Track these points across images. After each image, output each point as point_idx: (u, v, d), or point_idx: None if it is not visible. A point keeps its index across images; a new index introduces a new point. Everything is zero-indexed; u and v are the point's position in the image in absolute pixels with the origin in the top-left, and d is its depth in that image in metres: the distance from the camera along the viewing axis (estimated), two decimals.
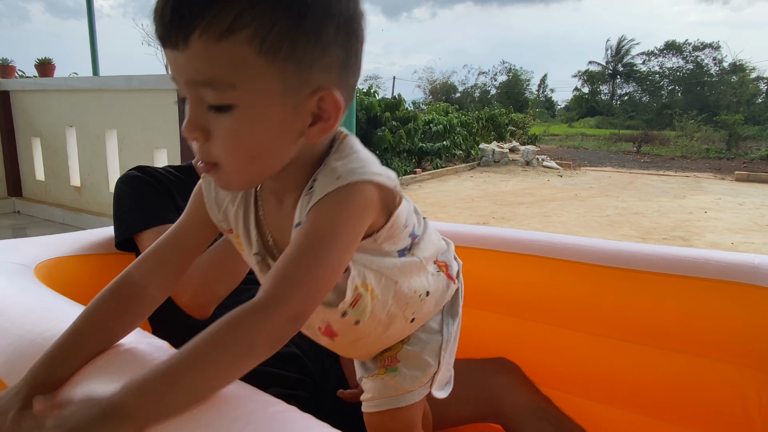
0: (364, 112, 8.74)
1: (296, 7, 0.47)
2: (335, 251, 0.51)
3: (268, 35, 0.46)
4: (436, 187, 9.26)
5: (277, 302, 0.48)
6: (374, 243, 0.60)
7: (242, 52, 0.47)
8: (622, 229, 5.88)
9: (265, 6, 0.46)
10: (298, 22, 0.47)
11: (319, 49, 0.49)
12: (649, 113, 28.59)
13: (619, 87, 35.63)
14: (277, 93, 0.49)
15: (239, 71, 0.47)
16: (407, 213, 0.64)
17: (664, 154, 16.67)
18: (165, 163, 2.47)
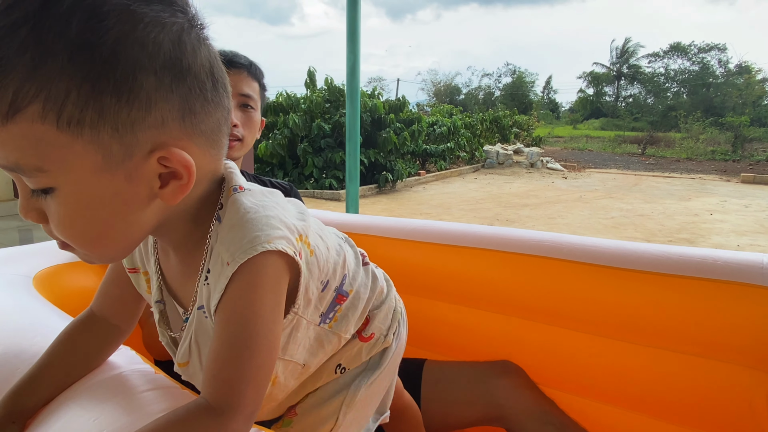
0: (368, 113, 8.75)
1: (91, 64, 0.38)
2: (263, 334, 0.47)
3: (63, 106, 0.38)
4: (440, 189, 9.25)
5: (231, 409, 0.44)
6: (291, 322, 0.56)
7: (35, 131, 0.39)
8: (627, 231, 5.85)
9: (49, 71, 0.37)
10: (99, 81, 0.38)
11: (137, 105, 0.41)
12: (654, 115, 28.48)
13: (623, 89, 35.55)
14: (98, 167, 0.41)
15: (41, 153, 0.40)
16: (330, 265, 0.60)
17: (669, 155, 16.61)
18: None
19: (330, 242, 0.62)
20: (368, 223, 1.31)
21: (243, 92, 1.05)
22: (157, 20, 0.41)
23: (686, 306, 0.91)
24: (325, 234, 0.63)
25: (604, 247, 1.01)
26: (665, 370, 0.95)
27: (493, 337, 1.14)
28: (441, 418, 1.01)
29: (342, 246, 0.65)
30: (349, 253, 0.66)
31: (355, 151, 3.48)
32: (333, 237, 0.65)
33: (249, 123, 1.07)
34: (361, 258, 0.70)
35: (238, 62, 1.05)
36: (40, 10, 0.37)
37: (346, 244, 0.68)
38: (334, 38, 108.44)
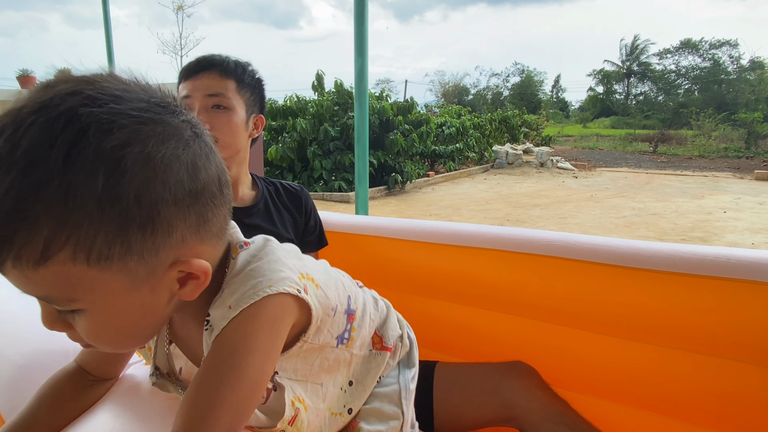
0: (376, 116, 8.76)
1: (117, 206, 0.40)
2: (251, 367, 0.47)
3: (92, 247, 0.40)
4: (450, 190, 9.24)
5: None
6: (301, 348, 0.58)
7: (67, 271, 0.41)
8: (639, 231, 5.80)
9: (79, 217, 0.39)
10: (125, 220, 0.41)
11: (160, 233, 0.43)
12: (666, 112, 28.20)
13: (634, 86, 35.23)
14: (125, 288, 0.44)
15: (72, 287, 0.42)
16: (333, 292, 0.61)
17: (681, 153, 16.44)
18: None
19: (329, 272, 0.66)
20: (378, 224, 1.31)
21: (209, 92, 1.03)
22: (174, 155, 0.43)
23: (700, 305, 0.91)
24: (321, 266, 0.66)
25: (615, 247, 1.01)
26: (679, 369, 0.94)
27: (505, 339, 1.14)
28: (454, 419, 1.01)
29: (338, 274, 0.69)
30: (346, 278, 0.71)
31: (364, 154, 3.49)
32: (328, 267, 0.69)
33: (221, 124, 1.03)
34: (355, 282, 0.75)
35: (208, 64, 1.04)
36: (63, 166, 0.38)
37: (338, 273, 0.71)
38: (342, 41, 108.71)
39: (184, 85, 1.05)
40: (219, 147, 1.05)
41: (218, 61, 1.05)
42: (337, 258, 1.33)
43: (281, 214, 1.19)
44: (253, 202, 1.15)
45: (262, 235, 0.59)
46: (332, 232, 1.33)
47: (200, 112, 1.02)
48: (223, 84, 1.04)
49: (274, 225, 1.15)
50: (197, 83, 1.03)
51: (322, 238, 1.28)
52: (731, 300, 0.88)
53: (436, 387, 1.03)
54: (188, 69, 1.06)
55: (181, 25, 9.14)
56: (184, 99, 1.04)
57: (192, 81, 1.04)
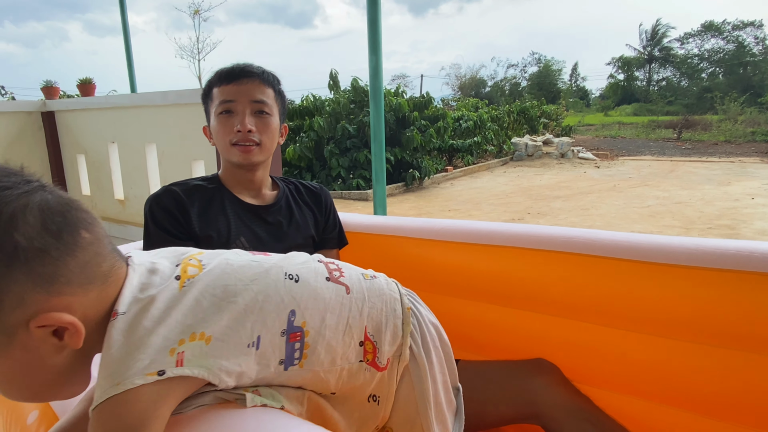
0: (392, 113, 8.75)
1: None
2: None
3: None
4: (469, 184, 9.19)
5: None
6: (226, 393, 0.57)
7: None
8: (664, 220, 5.69)
9: None
10: None
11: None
12: (689, 98, 27.56)
13: (655, 72, 34.50)
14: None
15: None
16: (248, 328, 0.56)
17: (706, 139, 16.04)
18: (203, 173, 2.55)
19: (253, 293, 0.58)
20: (398, 224, 1.32)
21: (255, 99, 1.08)
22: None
23: (722, 299, 0.89)
24: (248, 283, 0.59)
25: (636, 242, 1.00)
26: (703, 364, 0.93)
27: (527, 336, 1.14)
28: (476, 417, 1.01)
29: (279, 283, 0.61)
30: (301, 281, 0.63)
31: (381, 152, 3.49)
32: (265, 278, 0.60)
33: (265, 128, 1.10)
34: (325, 274, 0.67)
35: (249, 72, 1.09)
36: None
37: (285, 274, 0.62)
38: (356, 37, 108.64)
39: (225, 89, 1.08)
40: (260, 150, 1.10)
41: (258, 70, 1.10)
42: (358, 258, 1.35)
43: (302, 211, 1.22)
44: (275, 201, 1.18)
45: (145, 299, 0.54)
46: (353, 232, 1.35)
47: (247, 117, 1.07)
48: (265, 92, 1.10)
49: (295, 222, 1.19)
50: (242, 88, 1.07)
51: (342, 237, 1.30)
52: (755, 294, 0.87)
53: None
54: (228, 74, 1.09)
55: (198, 29, 9.26)
56: (227, 103, 1.07)
57: (235, 86, 1.07)
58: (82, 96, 4.96)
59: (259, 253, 0.66)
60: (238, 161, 1.10)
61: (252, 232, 1.11)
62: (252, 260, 0.62)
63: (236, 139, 1.08)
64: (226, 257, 0.61)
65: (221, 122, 1.08)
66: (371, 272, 0.75)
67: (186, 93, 3.53)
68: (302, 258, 0.68)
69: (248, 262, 0.61)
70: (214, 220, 1.09)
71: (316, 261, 0.69)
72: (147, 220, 1.08)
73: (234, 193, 1.14)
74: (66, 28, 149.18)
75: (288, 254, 0.69)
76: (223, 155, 1.12)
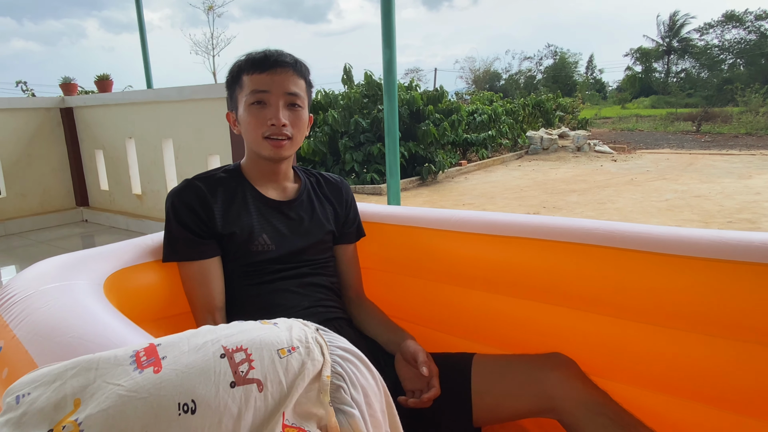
0: (406, 106, 8.72)
1: None
2: None
3: None
4: (483, 178, 9.13)
5: None
6: None
7: None
8: (683, 214, 5.60)
9: None
10: None
11: None
12: (709, 89, 27.01)
13: (674, 63, 33.86)
14: None
15: None
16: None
17: (726, 132, 15.71)
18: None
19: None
20: (414, 214, 1.32)
21: (290, 91, 1.04)
22: None
23: (744, 292, 0.88)
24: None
25: (656, 234, 0.98)
26: (722, 358, 0.91)
27: (543, 328, 1.13)
28: (492, 410, 1.01)
29: (173, 424, 0.47)
30: (199, 411, 0.48)
31: (395, 146, 3.49)
32: (156, 426, 0.47)
33: (297, 121, 1.07)
34: (229, 378, 0.51)
35: (283, 61, 1.05)
36: None
37: (179, 406, 0.48)
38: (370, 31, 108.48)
39: (258, 78, 1.04)
40: (291, 144, 1.08)
41: (291, 60, 1.07)
42: (374, 249, 1.35)
43: (323, 205, 1.21)
44: (296, 195, 1.17)
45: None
46: (369, 222, 1.34)
47: (281, 110, 1.04)
48: (298, 83, 1.07)
49: (317, 217, 1.18)
50: (276, 78, 1.03)
51: (360, 229, 1.30)
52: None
53: (474, 379, 1.03)
54: (261, 62, 1.04)
55: (212, 25, 9.29)
56: (260, 93, 1.03)
57: (270, 76, 1.03)
58: (99, 92, 5.02)
59: (149, 364, 0.51)
60: (269, 155, 1.07)
61: (274, 228, 1.11)
62: (143, 396, 0.47)
63: (269, 132, 1.04)
64: (109, 405, 0.47)
65: (253, 113, 1.04)
66: (297, 334, 0.59)
67: (201, 88, 3.56)
68: (199, 363, 0.51)
69: (139, 403, 0.47)
70: (236, 217, 1.08)
71: (219, 355, 0.52)
72: (169, 217, 1.07)
73: (256, 188, 1.13)
74: (83, 25, 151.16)
75: (179, 353, 0.52)
76: (252, 147, 1.10)
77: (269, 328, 0.58)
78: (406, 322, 1.29)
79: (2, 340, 0.75)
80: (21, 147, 4.48)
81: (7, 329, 0.75)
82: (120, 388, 0.48)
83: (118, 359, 0.51)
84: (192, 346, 0.53)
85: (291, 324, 0.61)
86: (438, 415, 1.01)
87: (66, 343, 0.67)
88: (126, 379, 0.49)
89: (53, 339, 0.69)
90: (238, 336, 0.55)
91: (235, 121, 1.11)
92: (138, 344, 0.54)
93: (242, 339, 0.54)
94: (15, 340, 0.72)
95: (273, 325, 0.59)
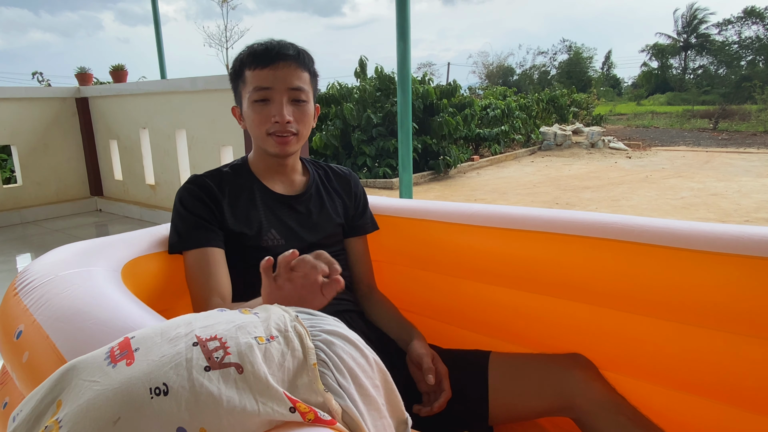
0: (419, 100, 8.68)
1: None
2: None
3: None
4: (495, 174, 9.08)
5: None
6: None
7: None
8: (699, 212, 5.53)
9: None
10: None
11: None
12: (727, 86, 26.52)
13: (691, 60, 33.30)
14: None
15: None
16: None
17: (744, 129, 15.46)
18: (231, 159, 2.57)
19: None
20: (429, 208, 1.31)
21: (293, 86, 1.02)
22: None
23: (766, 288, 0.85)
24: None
25: (676, 229, 0.96)
26: (745, 356, 0.90)
27: (560, 323, 1.12)
28: (509, 408, 1.00)
29: (146, 407, 0.47)
30: (171, 392, 0.47)
31: (408, 139, 3.48)
32: (130, 412, 0.46)
33: (302, 117, 1.05)
34: (203, 363, 0.50)
35: (285, 54, 1.01)
36: None
37: (151, 390, 0.47)
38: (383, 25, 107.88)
39: (260, 74, 1.01)
40: (297, 139, 1.07)
41: (293, 52, 1.03)
42: (388, 242, 1.34)
43: (332, 198, 1.20)
44: (305, 189, 1.16)
45: None
46: (382, 216, 1.33)
47: (285, 106, 1.01)
48: (302, 77, 1.03)
49: (325, 210, 1.17)
50: (278, 74, 1.01)
51: (373, 222, 1.29)
52: None
53: (491, 376, 1.02)
54: (262, 56, 1.01)
55: (226, 18, 9.30)
56: (263, 90, 1.01)
57: (271, 71, 1.01)
58: (114, 82, 5.06)
59: (122, 357, 0.51)
60: (275, 152, 1.06)
61: (283, 223, 1.10)
62: (115, 387, 0.48)
63: (273, 129, 1.03)
64: (84, 400, 0.48)
65: (256, 111, 1.02)
66: (275, 323, 0.58)
67: (214, 79, 3.56)
68: (171, 352, 0.51)
69: (111, 393, 0.47)
70: (245, 214, 1.07)
71: (191, 344, 0.52)
72: (177, 207, 1.06)
73: (264, 182, 1.12)
74: (99, 17, 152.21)
75: (152, 344, 0.52)
76: (258, 144, 1.09)
77: (248, 317, 0.58)
78: (419, 316, 1.28)
79: (22, 324, 0.75)
80: (37, 136, 4.53)
81: (28, 313, 0.76)
82: (95, 383, 0.49)
83: (94, 358, 0.52)
84: (165, 338, 0.53)
85: (270, 312, 0.60)
86: (453, 412, 1.01)
87: (86, 328, 0.68)
88: (100, 374, 0.50)
89: (74, 324, 0.69)
90: (214, 327, 0.55)
91: (240, 116, 1.10)
92: (114, 341, 0.55)
93: (217, 329, 0.54)
94: (35, 325, 0.72)
95: (254, 314, 0.59)
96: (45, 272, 0.85)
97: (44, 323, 0.71)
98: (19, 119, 4.43)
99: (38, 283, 0.82)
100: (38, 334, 0.71)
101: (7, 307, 0.83)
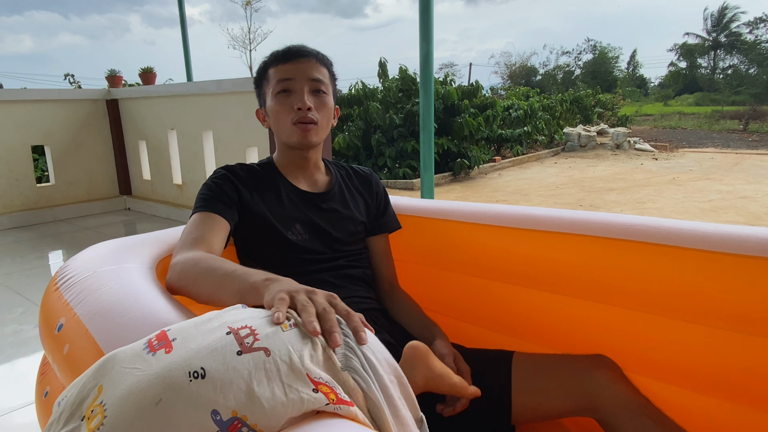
0: (441, 101, 8.67)
1: None
2: None
3: None
4: (517, 175, 9.01)
5: None
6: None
7: None
8: (728, 215, 5.40)
9: None
10: None
11: None
12: (758, 87, 25.75)
13: (721, 59, 32.45)
14: None
15: None
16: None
17: None
18: (256, 159, 2.62)
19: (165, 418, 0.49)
20: (452, 208, 1.32)
21: (313, 77, 1.08)
22: None
23: None
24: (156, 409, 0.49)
25: (704, 231, 0.95)
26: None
27: (584, 325, 1.11)
28: (532, 408, 1.00)
29: (185, 390, 0.50)
30: (209, 375, 0.51)
31: (430, 140, 3.49)
32: (169, 394, 0.49)
33: (322, 107, 1.10)
34: (235, 348, 0.54)
35: (305, 51, 1.10)
36: None
37: (189, 374, 0.51)
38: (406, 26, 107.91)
39: (283, 68, 1.08)
40: (318, 129, 1.11)
41: (313, 50, 1.11)
42: (411, 241, 1.36)
43: (354, 197, 1.23)
44: (329, 188, 1.19)
45: None
46: (406, 216, 1.35)
47: (306, 95, 1.07)
48: (322, 71, 1.11)
49: (348, 209, 1.19)
50: (299, 66, 1.08)
51: (396, 220, 1.30)
52: None
53: (514, 377, 1.02)
54: (284, 55, 1.09)
55: (249, 20, 9.44)
56: (285, 82, 1.07)
57: (294, 64, 1.08)
58: (143, 84, 5.18)
59: (161, 347, 0.54)
60: (298, 140, 1.09)
61: (308, 219, 1.12)
62: (156, 372, 0.51)
63: (297, 117, 1.07)
64: (127, 384, 0.51)
65: (280, 101, 1.08)
66: (294, 314, 0.62)
67: (240, 81, 3.62)
68: (207, 341, 0.54)
69: (153, 377, 0.51)
70: (270, 205, 1.10)
71: (224, 333, 0.56)
72: (206, 182, 1.09)
73: (289, 179, 1.16)
74: (126, 20, 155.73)
75: (188, 335, 0.56)
76: (281, 137, 1.12)
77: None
78: (441, 315, 1.29)
79: (63, 317, 0.79)
80: (69, 137, 4.67)
81: (68, 308, 0.79)
82: (136, 369, 0.52)
83: (133, 348, 0.56)
84: (200, 330, 0.57)
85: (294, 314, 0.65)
86: (476, 411, 1.02)
87: (124, 323, 0.71)
88: (141, 362, 0.53)
89: (112, 319, 0.72)
90: (245, 319, 0.59)
91: (264, 116, 1.16)
92: (151, 334, 0.59)
93: (247, 320, 0.59)
94: (75, 319, 0.76)
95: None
96: (84, 268, 0.89)
97: (84, 317, 0.75)
98: (53, 120, 4.57)
99: (78, 279, 0.85)
100: (78, 328, 0.74)
101: (48, 301, 0.87)
